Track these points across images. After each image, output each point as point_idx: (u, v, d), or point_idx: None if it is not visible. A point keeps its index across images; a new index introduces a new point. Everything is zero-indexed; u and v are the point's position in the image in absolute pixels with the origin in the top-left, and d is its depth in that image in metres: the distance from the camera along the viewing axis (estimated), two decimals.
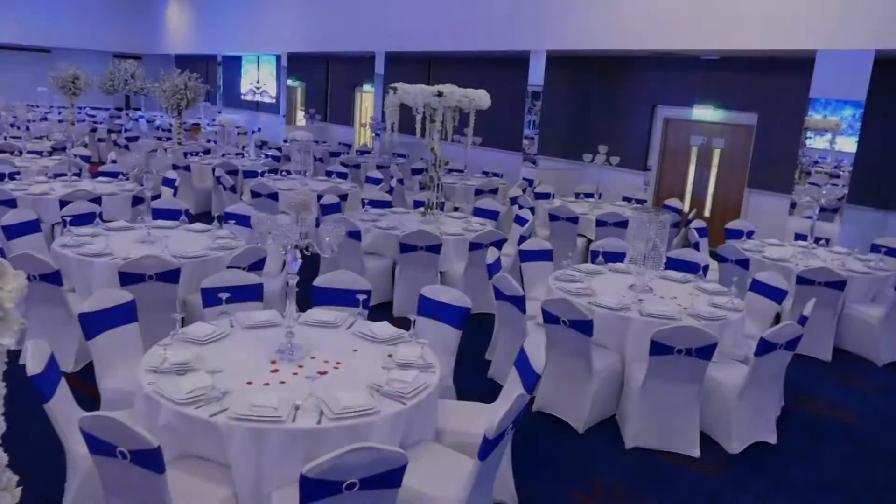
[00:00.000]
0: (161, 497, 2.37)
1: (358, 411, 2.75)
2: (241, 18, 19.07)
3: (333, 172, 9.65)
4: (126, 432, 2.29)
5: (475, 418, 3.45)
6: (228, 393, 2.82)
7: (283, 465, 2.67)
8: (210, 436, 2.68)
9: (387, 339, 3.55)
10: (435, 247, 5.93)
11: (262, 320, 3.64)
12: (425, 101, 6.30)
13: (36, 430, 3.20)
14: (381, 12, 13.77)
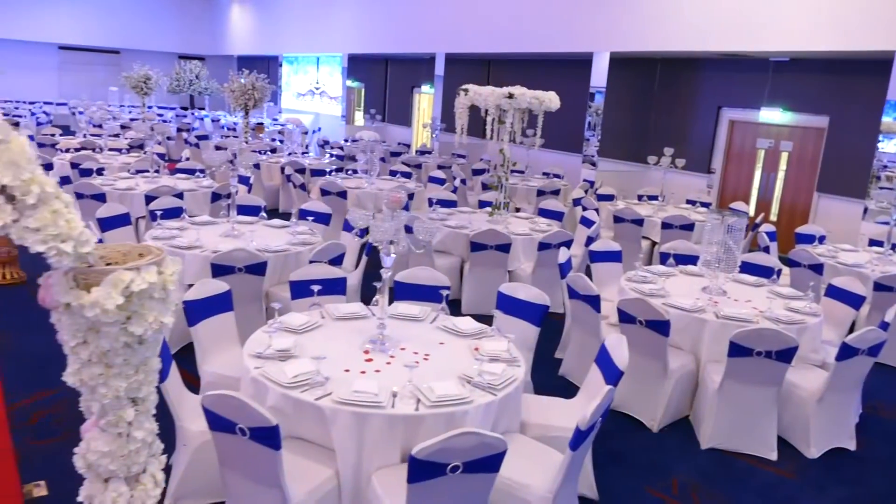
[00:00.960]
0: (275, 472, 2.53)
1: (453, 400, 2.87)
2: (303, 20, 19.50)
3: (398, 172, 9.82)
4: (247, 410, 2.46)
5: (555, 412, 3.55)
6: (329, 379, 2.98)
7: (382, 449, 2.82)
8: (315, 418, 2.84)
9: (471, 333, 3.67)
10: (505, 246, 6.03)
11: (352, 312, 3.80)
12: (496, 102, 6.40)
13: None
14: (441, 14, 13.95)
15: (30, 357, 4.66)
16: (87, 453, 1.87)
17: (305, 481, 2.73)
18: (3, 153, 1.50)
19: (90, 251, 1.66)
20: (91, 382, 1.77)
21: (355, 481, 2.83)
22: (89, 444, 1.87)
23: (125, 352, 1.75)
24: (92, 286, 1.66)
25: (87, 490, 1.92)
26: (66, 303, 1.67)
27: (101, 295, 1.64)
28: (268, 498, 2.63)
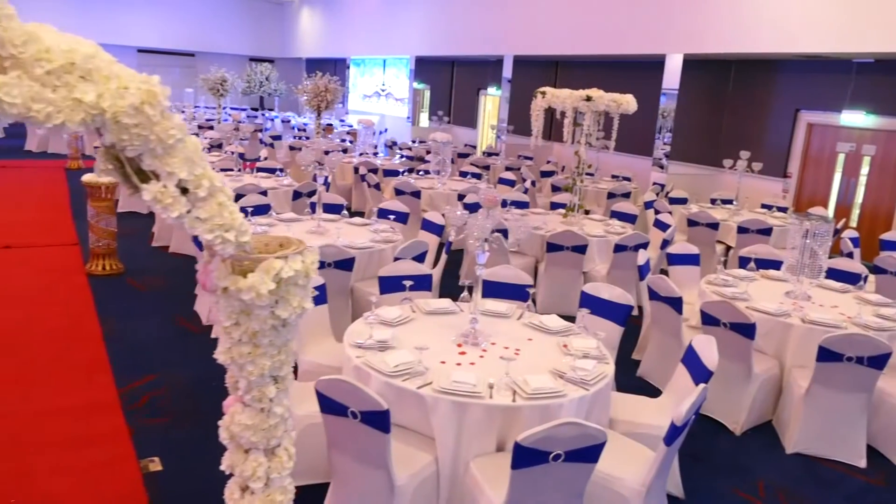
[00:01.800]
0: (383, 454, 2.68)
1: (548, 393, 2.97)
2: (371, 23, 19.87)
3: (468, 173, 9.96)
4: (359, 394, 2.61)
5: (642, 410, 3.61)
6: (428, 369, 3.11)
7: (480, 437, 2.94)
8: (416, 406, 2.98)
9: (558, 330, 3.75)
10: (581, 247, 6.09)
11: (442, 307, 3.94)
12: (573, 105, 6.46)
13: None
14: (509, 16, 14.02)
15: (132, 343, 4.96)
16: (231, 425, 2.04)
17: (407, 465, 2.87)
18: (181, 150, 1.67)
19: (248, 240, 1.83)
20: (240, 360, 1.94)
21: (453, 467, 2.96)
22: (233, 417, 2.04)
23: (271, 333, 1.91)
24: (247, 272, 1.83)
25: (228, 460, 2.09)
26: (224, 287, 1.84)
27: (257, 280, 1.80)
28: (374, 479, 2.78)
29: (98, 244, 6.40)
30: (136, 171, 1.83)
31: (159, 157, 1.66)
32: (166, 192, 1.67)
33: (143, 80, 1.62)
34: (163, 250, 7.49)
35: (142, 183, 1.69)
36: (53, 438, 3.62)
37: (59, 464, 3.40)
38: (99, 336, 5.00)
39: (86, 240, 7.41)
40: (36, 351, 4.68)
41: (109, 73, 1.59)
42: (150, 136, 1.62)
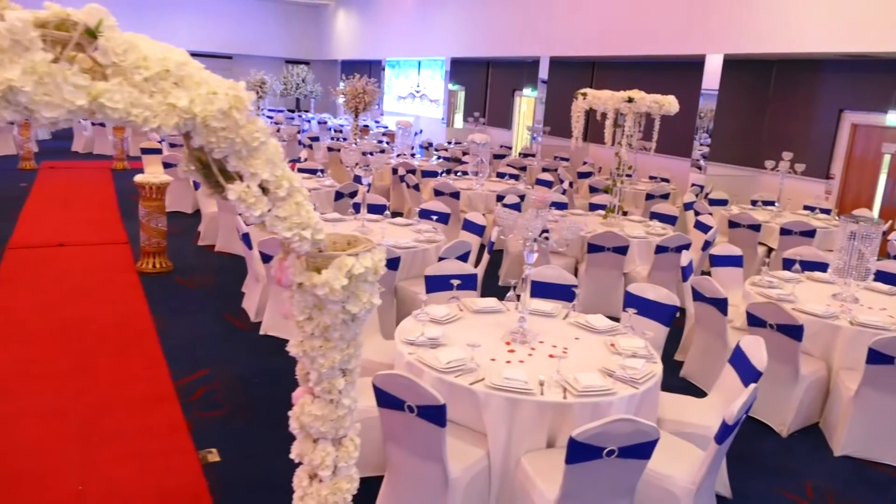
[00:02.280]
0: (439, 448, 2.76)
1: (598, 391, 3.02)
2: (406, 25, 20.02)
3: (506, 174, 10.00)
4: (416, 389, 2.69)
5: (689, 409, 3.63)
6: (479, 366, 3.18)
7: (531, 433, 3.00)
8: (468, 402, 3.05)
9: (604, 330, 3.79)
10: (622, 248, 6.10)
11: (489, 306, 4.01)
12: (615, 106, 6.47)
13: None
14: (546, 17, 14.03)
15: (184, 339, 5.12)
16: (301, 415, 2.12)
17: (460, 459, 2.94)
18: (264, 152, 1.76)
19: (323, 238, 1.91)
20: (312, 353, 2.03)
21: (504, 462, 3.02)
22: (303, 407, 2.12)
23: (342, 327, 2.00)
24: (321, 269, 1.92)
25: (298, 448, 2.18)
26: (300, 282, 1.93)
27: (331, 276, 1.88)
28: (429, 471, 2.86)
29: (149, 243, 6.59)
30: (220, 172, 1.94)
31: (244, 158, 1.75)
32: (250, 191, 1.77)
33: (231, 86, 1.72)
34: (208, 249, 7.68)
35: (227, 183, 1.79)
36: (116, 428, 3.77)
37: (122, 453, 3.54)
38: (153, 331, 5.16)
39: (134, 238, 7.64)
40: (95, 345, 4.85)
41: (200, 80, 1.69)
42: (235, 139, 1.71)
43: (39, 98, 1.49)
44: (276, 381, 4.52)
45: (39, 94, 1.49)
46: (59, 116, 1.53)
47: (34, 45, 1.48)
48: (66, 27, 1.56)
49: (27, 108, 1.50)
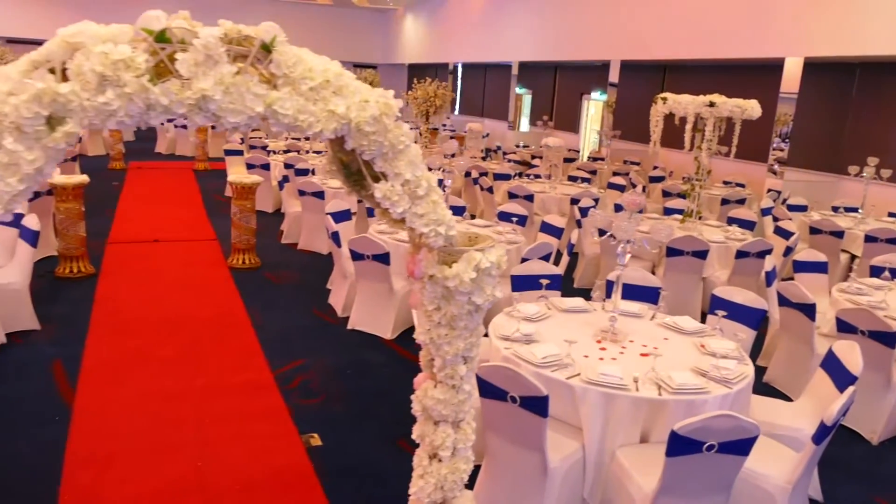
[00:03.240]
0: (540, 437, 2.89)
1: (693, 389, 3.10)
2: (475, 29, 20.20)
3: (578, 178, 10.05)
4: (520, 381, 2.83)
5: (780, 412, 3.66)
6: (574, 362, 3.30)
7: (625, 427, 3.10)
8: (564, 396, 3.16)
9: (693, 331, 3.85)
10: (702, 252, 6.09)
11: (576, 306, 4.11)
12: (696, 111, 6.47)
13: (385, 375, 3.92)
14: (617, 20, 13.98)
15: (277, 331, 5.38)
16: (424, 399, 2.28)
17: (557, 450, 3.06)
18: (407, 154, 1.93)
19: (454, 234, 2.07)
20: (438, 341, 2.19)
21: (599, 455, 3.13)
22: (426, 391, 2.28)
23: (467, 318, 2.15)
24: (451, 262, 2.07)
25: (419, 430, 2.34)
26: (431, 274, 2.09)
27: (461, 269, 2.04)
28: (528, 460, 2.99)
29: (239, 240, 6.93)
30: (356, 172, 2.13)
31: (389, 160, 1.92)
32: (394, 190, 1.94)
33: (381, 94, 1.89)
34: (291, 247, 8.00)
35: (374, 182, 1.96)
36: (225, 411, 4.03)
37: (233, 433, 3.79)
38: (248, 323, 5.46)
39: (222, 235, 8.03)
40: (198, 335, 5.17)
41: (354, 89, 1.87)
42: (384, 142, 1.89)
43: (226, 105, 1.70)
44: (367, 374, 4.73)
45: (226, 101, 1.69)
46: (240, 122, 1.74)
47: (222, 59, 1.69)
48: (245, 43, 1.76)
49: (215, 114, 1.71)
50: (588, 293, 4.53)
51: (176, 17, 1.73)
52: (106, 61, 1.57)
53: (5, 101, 1.53)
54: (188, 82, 1.65)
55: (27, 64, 1.63)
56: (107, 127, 1.67)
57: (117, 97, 1.59)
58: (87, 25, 1.62)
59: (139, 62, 1.60)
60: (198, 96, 1.66)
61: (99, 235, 7.57)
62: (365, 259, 5.21)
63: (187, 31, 1.68)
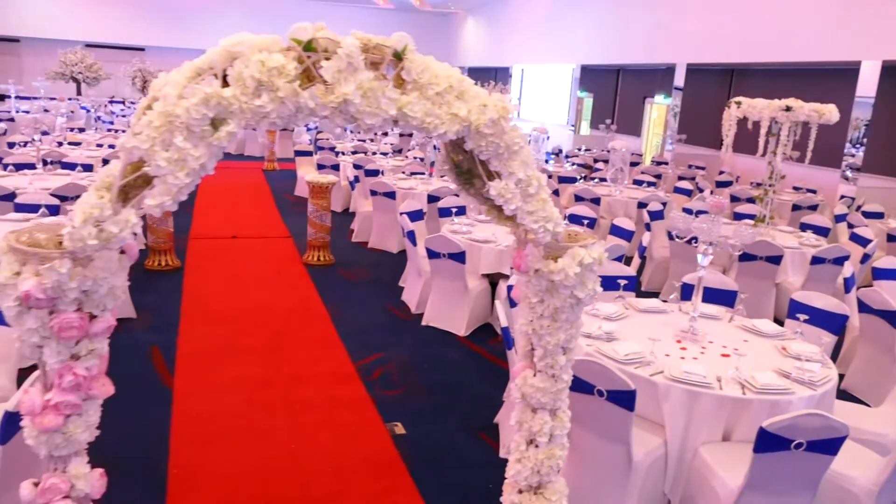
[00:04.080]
0: (626, 431, 2.98)
1: (777, 390, 3.14)
2: (536, 32, 20.23)
3: (644, 182, 10.02)
4: (608, 375, 2.93)
5: (863, 417, 3.65)
6: (656, 360, 3.37)
7: (708, 425, 3.16)
8: (647, 392, 3.24)
9: (773, 334, 3.87)
10: (775, 258, 6.05)
11: (654, 306, 4.18)
12: (771, 115, 6.42)
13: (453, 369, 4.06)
14: (683, 23, 13.84)
15: (354, 325, 5.59)
16: (524, 386, 2.41)
17: (640, 444, 3.14)
18: (520, 155, 2.06)
19: (560, 231, 2.19)
20: (540, 332, 2.31)
21: (681, 451, 3.20)
22: (525, 380, 2.41)
23: (568, 310, 2.27)
24: (556, 258, 2.20)
25: (517, 416, 2.46)
26: (537, 269, 2.22)
27: (566, 264, 2.16)
28: (612, 453, 3.09)
29: (315, 237, 7.19)
30: (466, 171, 2.28)
31: (504, 160, 2.06)
32: (507, 188, 2.07)
33: (499, 98, 2.03)
34: (362, 245, 8.23)
35: (488, 181, 2.10)
36: (313, 399, 4.24)
37: (321, 420, 3.99)
38: (327, 317, 5.68)
39: (295, 232, 8.33)
40: (281, 326, 5.41)
41: (474, 94, 2.02)
42: (500, 143, 2.03)
43: (363, 108, 1.86)
44: (443, 368, 4.88)
45: (364, 105, 1.86)
46: (375, 123, 1.90)
47: (361, 66, 1.85)
48: (379, 51, 1.92)
49: (353, 115, 1.87)
50: (656, 296, 4.60)
51: (315, 28, 1.91)
52: (262, 68, 1.75)
53: (177, 104, 1.73)
54: (331, 87, 1.83)
55: (191, 71, 1.83)
56: (260, 128, 1.85)
57: (271, 101, 1.77)
58: (245, 36, 1.81)
59: (290, 69, 1.78)
60: (340, 100, 1.83)
61: (181, 231, 7.95)
62: (441, 257, 5.37)
63: (331, 41, 1.85)
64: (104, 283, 1.83)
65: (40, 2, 25.28)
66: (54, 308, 1.79)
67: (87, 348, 1.89)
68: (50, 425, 1.90)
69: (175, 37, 26.01)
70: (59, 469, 1.99)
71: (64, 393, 1.88)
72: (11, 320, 1.81)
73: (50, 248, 1.76)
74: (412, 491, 3.38)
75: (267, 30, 1.77)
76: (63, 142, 10.16)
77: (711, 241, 3.52)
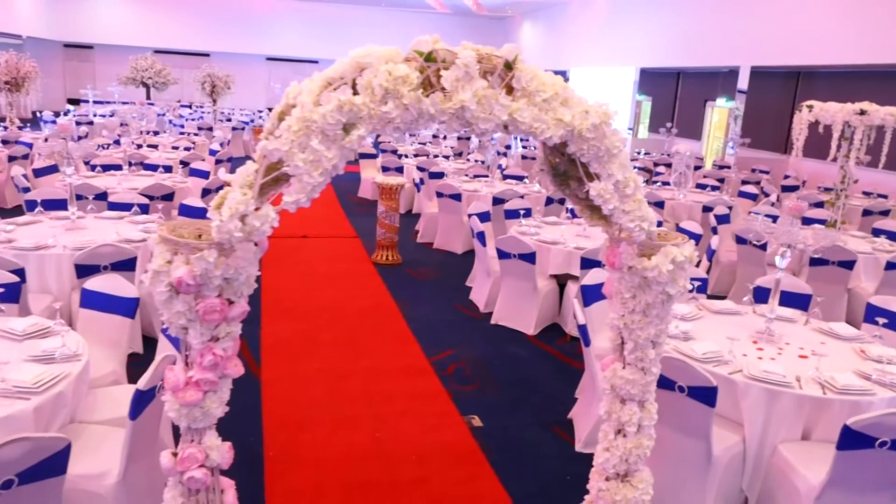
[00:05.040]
0: (706, 426, 3.06)
1: (858, 390, 3.17)
2: (594, 35, 20.18)
3: (707, 186, 9.96)
4: (690, 371, 3.02)
5: None
6: (734, 359, 3.44)
7: (788, 424, 3.21)
8: (725, 391, 3.31)
9: (850, 337, 3.88)
10: (848, 263, 5.99)
11: (728, 308, 4.23)
12: (844, 118, 6.35)
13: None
14: (748, 25, 13.65)
15: (426, 323, 5.76)
16: (614, 378, 2.53)
17: (719, 441, 3.22)
18: (619, 158, 2.19)
19: (654, 230, 2.31)
20: (631, 326, 2.43)
21: (759, 448, 3.26)
22: (615, 372, 2.53)
23: (659, 306, 2.38)
24: (649, 255, 2.31)
25: (606, 406, 2.58)
26: (630, 266, 2.34)
27: (660, 261, 2.28)
28: (693, 448, 3.17)
29: (384, 237, 7.41)
30: (562, 173, 2.41)
31: (604, 162, 2.19)
32: (606, 189, 2.20)
33: (599, 105, 2.16)
34: (427, 246, 8.43)
35: (588, 181, 2.23)
36: (392, 391, 4.43)
37: (401, 410, 4.17)
38: (399, 314, 5.88)
39: (362, 232, 8.57)
40: (356, 322, 5.63)
41: (577, 100, 2.15)
42: (600, 147, 2.16)
43: (478, 114, 2.02)
44: (514, 366, 5.01)
45: (479, 111, 2.01)
46: (488, 128, 2.06)
47: (476, 75, 2.01)
48: (490, 61, 2.08)
49: (468, 121, 2.03)
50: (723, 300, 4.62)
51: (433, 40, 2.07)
52: (389, 78, 1.93)
53: (314, 110, 1.91)
54: (449, 94, 1.99)
55: (322, 80, 2.02)
56: (386, 133, 2.03)
57: (396, 107, 1.95)
58: (372, 48, 1.99)
59: (413, 78, 1.95)
60: (457, 106, 1.99)
61: None
62: (511, 258, 5.50)
63: (448, 52, 2.02)
64: (243, 272, 2.03)
65: (112, 11, 26.40)
66: (199, 293, 2.00)
67: (225, 331, 2.09)
68: (191, 400, 2.11)
69: (238, 43, 26.84)
70: (195, 440, 2.19)
71: (204, 371, 2.09)
72: (161, 304, 2.02)
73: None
74: (493, 479, 3.53)
75: (326, 36, 1.90)
76: (142, 144, 10.66)
77: (790, 243, 3.57)
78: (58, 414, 2.80)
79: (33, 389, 2.70)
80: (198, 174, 8.49)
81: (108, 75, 24.39)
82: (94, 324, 3.72)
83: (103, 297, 3.72)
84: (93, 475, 2.69)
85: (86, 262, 4.41)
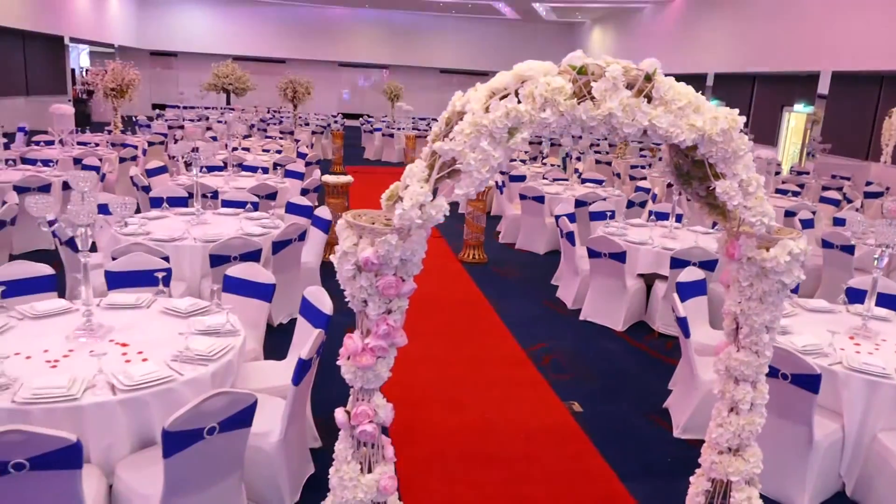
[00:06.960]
0: (808, 413, 3.27)
1: None
2: (667, 40, 20.11)
3: (788, 191, 9.95)
4: (793, 359, 3.23)
5: None
6: (833, 351, 3.62)
7: (888, 413, 3.39)
8: (825, 381, 3.48)
9: None
10: None
11: (820, 306, 4.40)
12: None
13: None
14: (828, 29, 13.48)
15: (516, 317, 6.06)
16: (728, 360, 2.77)
17: (818, 427, 3.41)
18: (744, 159, 2.45)
19: (773, 224, 2.55)
20: (748, 312, 2.67)
21: (858, 436, 3.44)
22: (729, 354, 2.78)
23: (774, 294, 2.62)
24: (767, 247, 2.56)
25: (720, 386, 2.83)
26: (749, 256, 2.59)
27: (778, 253, 2.52)
28: (793, 434, 3.38)
29: (471, 237, 7.75)
30: (685, 173, 2.68)
31: (730, 163, 2.45)
32: (731, 186, 2.46)
33: (728, 111, 2.43)
34: (509, 246, 8.73)
35: (714, 180, 2.50)
36: (493, 378, 4.74)
37: (504, 396, 4.48)
38: (491, 309, 6.19)
39: (445, 232, 8.93)
40: (451, 316, 5.98)
41: (707, 108, 2.42)
42: (728, 149, 2.42)
43: (623, 120, 2.31)
44: (606, 359, 5.26)
45: (624, 118, 2.31)
46: (631, 132, 2.35)
47: (621, 86, 2.30)
48: (631, 74, 2.37)
49: (614, 126, 2.33)
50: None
51: (583, 56, 2.37)
52: (548, 88, 2.24)
53: (484, 116, 2.25)
54: (598, 103, 2.29)
55: (487, 91, 2.35)
56: (542, 137, 2.34)
57: (553, 114, 2.26)
58: (532, 63, 2.31)
59: (567, 89, 2.26)
60: (605, 114, 2.29)
61: None
62: (602, 257, 5.75)
63: (597, 66, 2.32)
64: (416, 254, 2.38)
65: (194, 21, 27.67)
66: (378, 272, 2.36)
67: (397, 304, 2.45)
68: (366, 363, 2.48)
69: (313, 50, 27.75)
70: (365, 400, 2.56)
71: (378, 339, 2.46)
72: (345, 281, 2.39)
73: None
74: (598, 457, 3.80)
75: (397, 43, 2.08)
76: (238, 147, 11.30)
77: (889, 244, 3.72)
78: (227, 380, 3.21)
79: (210, 357, 3.12)
80: (293, 175, 9.02)
81: (190, 82, 25.61)
82: (237, 306, 4.15)
83: (245, 283, 4.16)
84: (259, 433, 3.08)
85: (218, 253, 4.88)
